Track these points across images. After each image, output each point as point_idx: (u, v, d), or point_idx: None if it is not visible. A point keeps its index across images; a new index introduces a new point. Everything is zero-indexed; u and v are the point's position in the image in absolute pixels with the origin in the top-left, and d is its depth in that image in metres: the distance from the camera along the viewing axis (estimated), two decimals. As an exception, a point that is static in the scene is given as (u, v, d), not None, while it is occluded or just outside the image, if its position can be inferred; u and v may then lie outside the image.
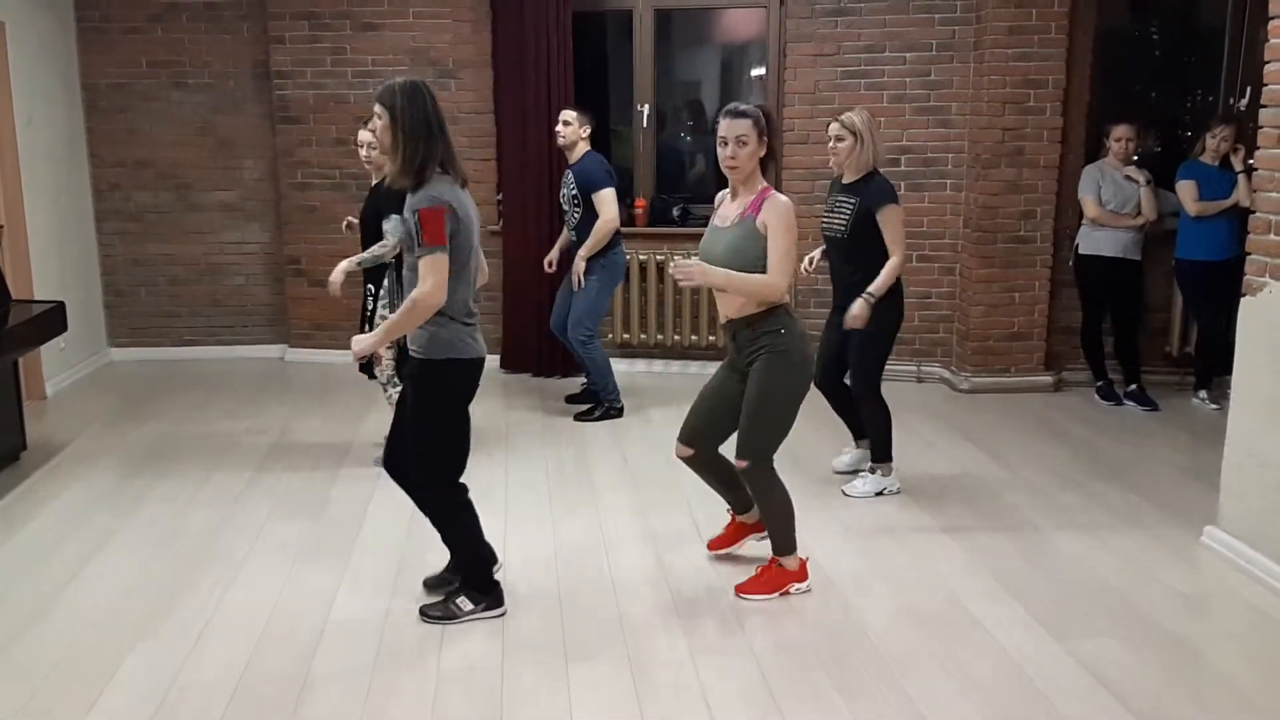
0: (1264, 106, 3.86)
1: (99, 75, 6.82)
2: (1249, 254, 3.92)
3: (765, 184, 3.52)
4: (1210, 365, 5.93)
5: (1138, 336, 6.16)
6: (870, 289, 4.36)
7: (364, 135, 4.89)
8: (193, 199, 7.03)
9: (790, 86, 6.48)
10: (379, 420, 5.52)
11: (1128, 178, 5.91)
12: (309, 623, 3.43)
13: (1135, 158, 6.03)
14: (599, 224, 5.51)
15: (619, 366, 6.76)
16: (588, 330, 5.68)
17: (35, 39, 6.17)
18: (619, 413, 5.79)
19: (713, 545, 3.99)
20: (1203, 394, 6.00)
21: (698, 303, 6.62)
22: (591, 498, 4.59)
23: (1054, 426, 5.69)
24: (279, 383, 6.57)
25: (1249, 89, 6.04)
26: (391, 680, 3.09)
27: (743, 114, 3.44)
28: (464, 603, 3.50)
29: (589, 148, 5.64)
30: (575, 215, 5.65)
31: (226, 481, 4.75)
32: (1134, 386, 6.07)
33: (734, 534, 3.97)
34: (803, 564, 3.73)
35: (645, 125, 6.75)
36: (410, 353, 3.37)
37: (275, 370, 6.91)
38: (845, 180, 4.49)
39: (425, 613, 3.50)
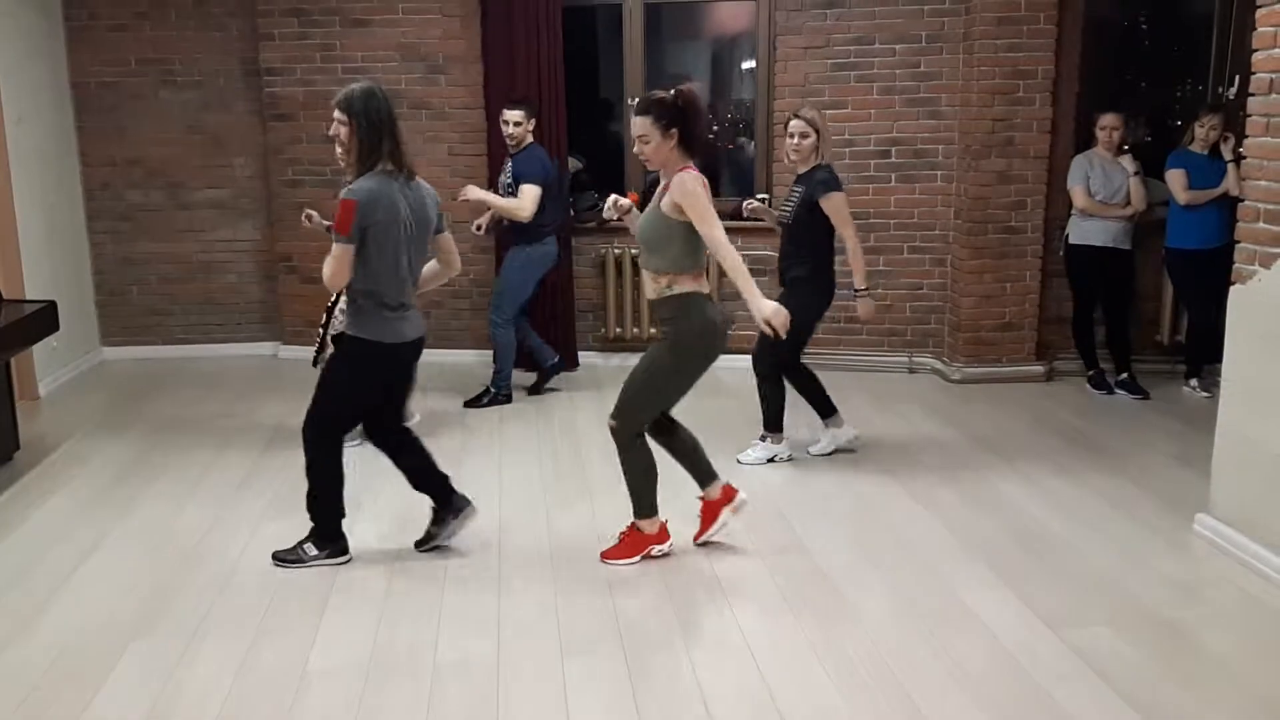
0: (1252, 95, 3.88)
1: (88, 74, 6.79)
2: (1238, 242, 3.94)
3: (682, 164, 3.59)
4: (1201, 353, 5.94)
5: (1128, 325, 6.18)
6: (856, 284, 4.79)
7: None
8: (184, 197, 7.01)
9: (780, 79, 6.48)
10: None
11: (1119, 165, 5.92)
12: (304, 619, 3.43)
13: (1125, 147, 6.04)
14: (514, 201, 5.63)
15: (610, 361, 6.77)
16: (504, 314, 5.86)
17: (23, 37, 6.14)
18: (507, 399, 5.98)
19: (698, 537, 4.00)
20: (1193, 382, 6.02)
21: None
22: (584, 492, 4.60)
23: (1046, 416, 5.71)
24: (272, 380, 6.56)
25: (1237, 78, 6.06)
26: (388, 676, 3.10)
27: (643, 110, 3.54)
28: (309, 548, 3.81)
29: (532, 140, 5.77)
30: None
31: (220, 479, 4.74)
32: (1125, 375, 6.08)
33: (708, 515, 3.98)
34: (662, 526, 3.87)
35: (636, 119, 6.74)
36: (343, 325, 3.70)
37: (268, 367, 6.90)
38: (799, 171, 4.83)
39: (276, 556, 3.82)
